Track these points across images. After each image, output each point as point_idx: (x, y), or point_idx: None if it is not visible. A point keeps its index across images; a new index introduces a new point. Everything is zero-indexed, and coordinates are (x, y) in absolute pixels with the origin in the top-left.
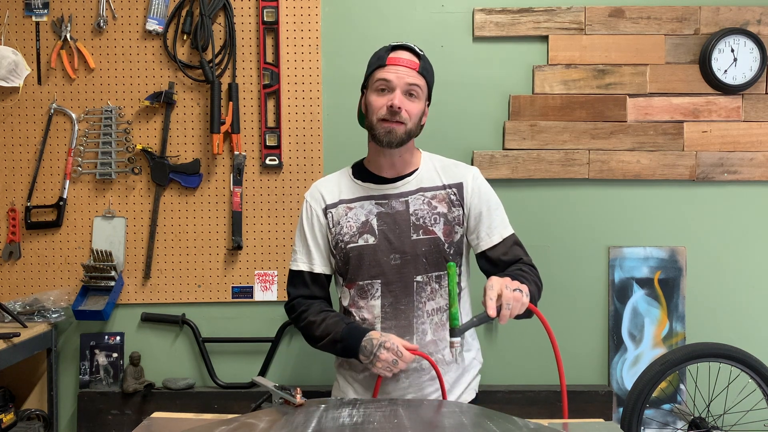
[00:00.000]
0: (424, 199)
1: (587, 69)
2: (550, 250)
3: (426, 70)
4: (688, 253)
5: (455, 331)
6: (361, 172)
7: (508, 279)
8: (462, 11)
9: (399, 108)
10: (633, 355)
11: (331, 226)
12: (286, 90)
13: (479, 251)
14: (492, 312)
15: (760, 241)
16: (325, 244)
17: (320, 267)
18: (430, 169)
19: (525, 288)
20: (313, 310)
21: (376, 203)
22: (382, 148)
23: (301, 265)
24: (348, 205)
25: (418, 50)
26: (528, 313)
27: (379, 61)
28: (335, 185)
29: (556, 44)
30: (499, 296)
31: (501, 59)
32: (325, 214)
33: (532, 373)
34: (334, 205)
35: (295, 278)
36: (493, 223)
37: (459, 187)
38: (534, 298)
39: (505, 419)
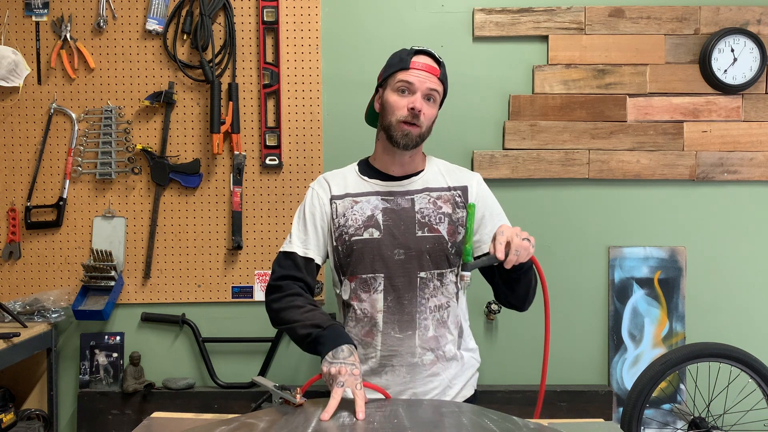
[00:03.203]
0: (429, 199)
1: (587, 69)
2: (550, 250)
3: (445, 78)
4: (688, 253)
5: (467, 265)
6: (368, 169)
7: (518, 228)
8: (462, 11)
9: (419, 111)
10: (633, 355)
11: (335, 216)
12: (286, 90)
13: (479, 254)
14: (500, 255)
15: (760, 241)
16: (325, 233)
17: (314, 252)
18: (435, 171)
19: (533, 239)
20: (305, 299)
21: (382, 199)
22: (393, 148)
23: (295, 248)
24: (354, 198)
25: (438, 57)
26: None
27: (401, 63)
28: (342, 179)
29: (556, 44)
30: (509, 243)
31: (501, 59)
32: (331, 204)
33: (532, 373)
34: (341, 197)
35: (285, 259)
36: (493, 228)
37: (464, 190)
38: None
39: (505, 419)
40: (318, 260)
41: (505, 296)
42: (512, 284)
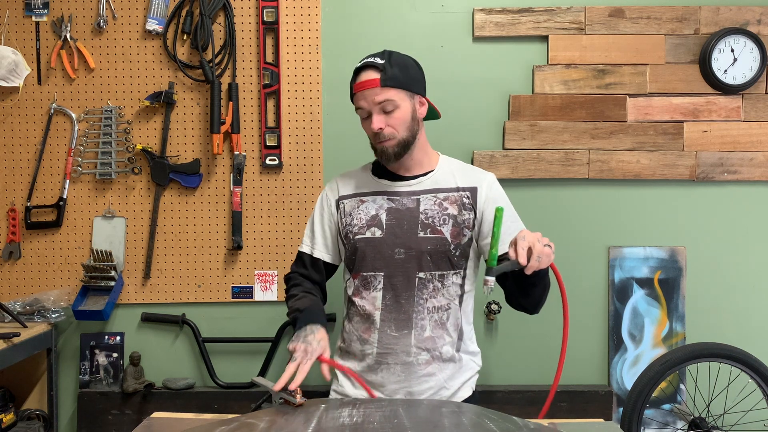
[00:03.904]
0: (435, 200)
1: (587, 69)
2: None
3: (391, 79)
4: (688, 253)
5: (491, 270)
6: (379, 168)
7: (539, 234)
8: (462, 11)
9: (380, 129)
10: (633, 355)
11: (342, 216)
12: (286, 90)
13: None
14: (523, 260)
15: (760, 241)
16: (333, 233)
17: (320, 252)
18: (447, 171)
19: (553, 245)
20: (304, 288)
21: (387, 198)
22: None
23: (305, 248)
24: (362, 198)
25: (378, 61)
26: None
27: (351, 90)
28: (353, 179)
29: (556, 44)
30: (530, 249)
31: (501, 59)
32: (337, 205)
33: (532, 373)
34: (348, 197)
35: (298, 259)
36: (507, 231)
37: (473, 191)
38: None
39: (504, 419)
40: (327, 259)
41: (518, 300)
42: (528, 289)
